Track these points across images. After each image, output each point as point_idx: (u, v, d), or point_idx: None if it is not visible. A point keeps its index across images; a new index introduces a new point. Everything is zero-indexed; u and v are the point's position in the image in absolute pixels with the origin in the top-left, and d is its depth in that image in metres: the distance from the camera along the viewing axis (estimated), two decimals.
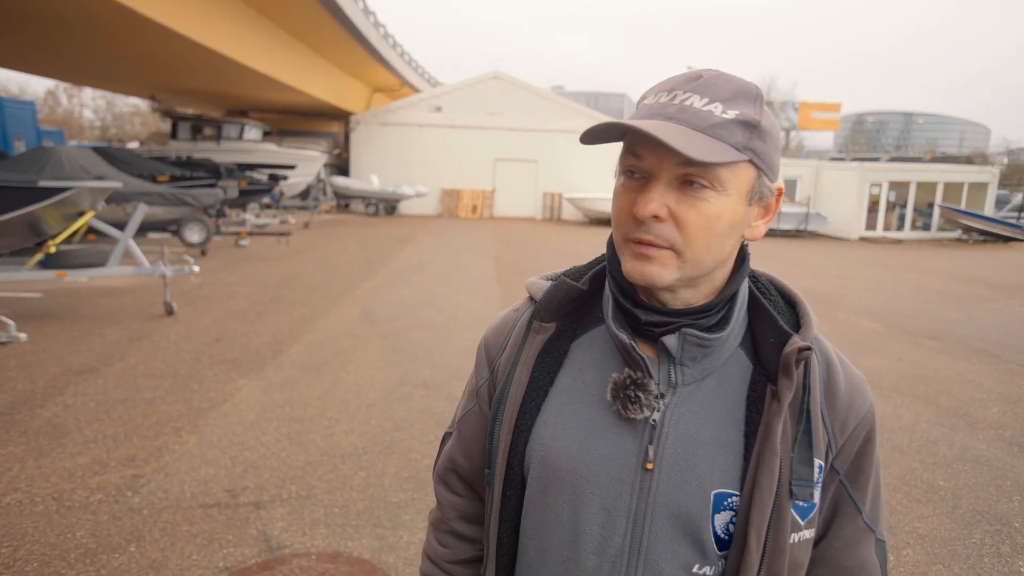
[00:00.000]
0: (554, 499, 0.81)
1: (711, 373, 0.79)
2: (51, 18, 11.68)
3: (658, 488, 0.76)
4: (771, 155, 0.75)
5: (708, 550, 0.77)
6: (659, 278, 0.74)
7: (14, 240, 6.74)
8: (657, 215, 0.71)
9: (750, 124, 0.71)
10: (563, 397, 0.83)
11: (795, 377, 0.75)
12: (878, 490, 0.84)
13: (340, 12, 16.02)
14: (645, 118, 0.73)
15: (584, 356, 0.85)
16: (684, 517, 0.76)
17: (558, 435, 0.82)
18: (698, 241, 0.72)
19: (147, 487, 3.41)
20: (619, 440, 0.79)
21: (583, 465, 0.79)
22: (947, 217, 20.96)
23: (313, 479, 3.59)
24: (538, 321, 0.87)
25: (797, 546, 0.78)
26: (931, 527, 3.33)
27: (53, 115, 44.38)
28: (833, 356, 0.83)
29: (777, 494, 0.74)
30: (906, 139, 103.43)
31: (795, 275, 12.08)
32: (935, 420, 4.81)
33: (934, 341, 7.27)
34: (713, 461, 0.76)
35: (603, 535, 0.78)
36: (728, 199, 0.72)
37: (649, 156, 0.72)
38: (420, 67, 33.66)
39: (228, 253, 12.29)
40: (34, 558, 2.78)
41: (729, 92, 0.72)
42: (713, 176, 0.71)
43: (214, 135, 21.18)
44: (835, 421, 0.80)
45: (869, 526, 0.83)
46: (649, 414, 0.77)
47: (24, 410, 4.35)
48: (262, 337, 6.38)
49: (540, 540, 0.83)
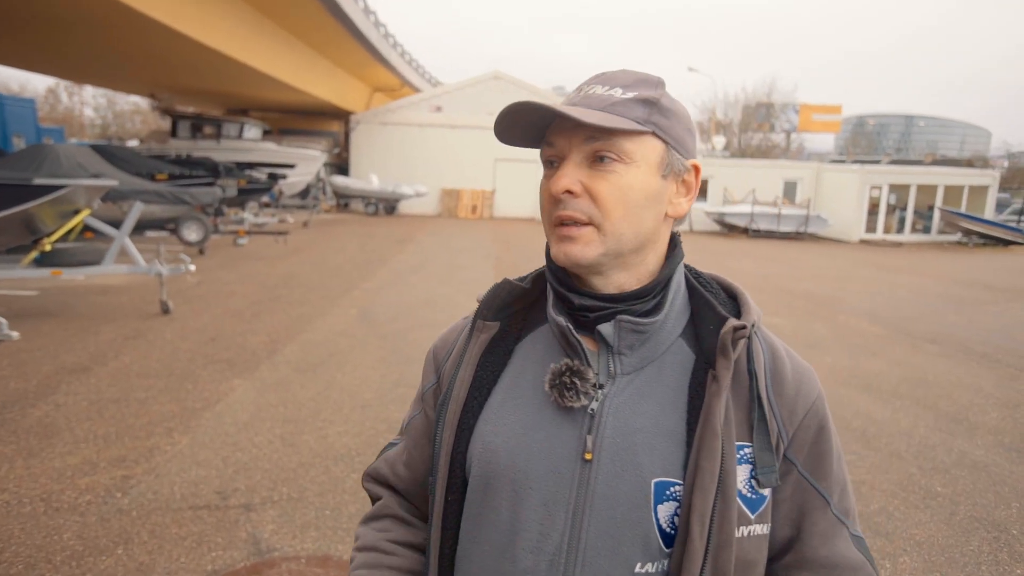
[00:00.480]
0: (493, 498, 0.80)
1: (651, 362, 0.80)
2: (52, 17, 11.66)
3: (597, 479, 0.75)
4: (677, 131, 0.78)
5: (652, 545, 0.75)
6: (582, 255, 0.75)
7: (9, 238, 6.71)
8: (570, 189, 0.75)
9: (649, 101, 0.76)
10: (504, 395, 0.83)
11: (732, 357, 0.75)
12: (845, 481, 0.83)
13: (341, 12, 16.00)
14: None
15: (528, 354, 0.85)
16: (624, 508, 0.74)
17: (498, 432, 0.81)
18: (614, 212, 0.75)
19: (136, 488, 3.37)
20: (558, 432, 0.78)
21: (521, 460, 0.78)
22: (947, 220, 20.94)
23: (305, 481, 3.55)
24: (481, 320, 0.87)
25: (747, 541, 0.75)
26: (928, 534, 3.29)
27: (54, 113, 44.38)
28: (778, 345, 0.83)
29: (722, 481, 0.73)
30: (907, 142, 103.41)
31: (795, 277, 12.05)
32: (934, 425, 4.78)
33: (934, 345, 7.24)
34: (653, 449, 0.76)
35: (541, 532, 0.76)
36: (638, 170, 0.75)
37: (559, 140, 0.76)
38: (420, 67, 33.66)
39: (226, 252, 12.26)
40: (19, 560, 2.75)
41: (630, 80, 0.78)
42: (619, 148, 0.74)
43: (214, 134, 21.18)
44: (783, 409, 0.79)
45: (840, 519, 0.81)
46: (587, 403, 0.77)
47: (15, 409, 4.32)
48: (258, 337, 6.35)
49: (479, 543, 0.81)
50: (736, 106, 39.82)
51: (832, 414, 0.84)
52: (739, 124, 39.37)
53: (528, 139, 0.79)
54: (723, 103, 40.58)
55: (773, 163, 24.80)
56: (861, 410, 4.99)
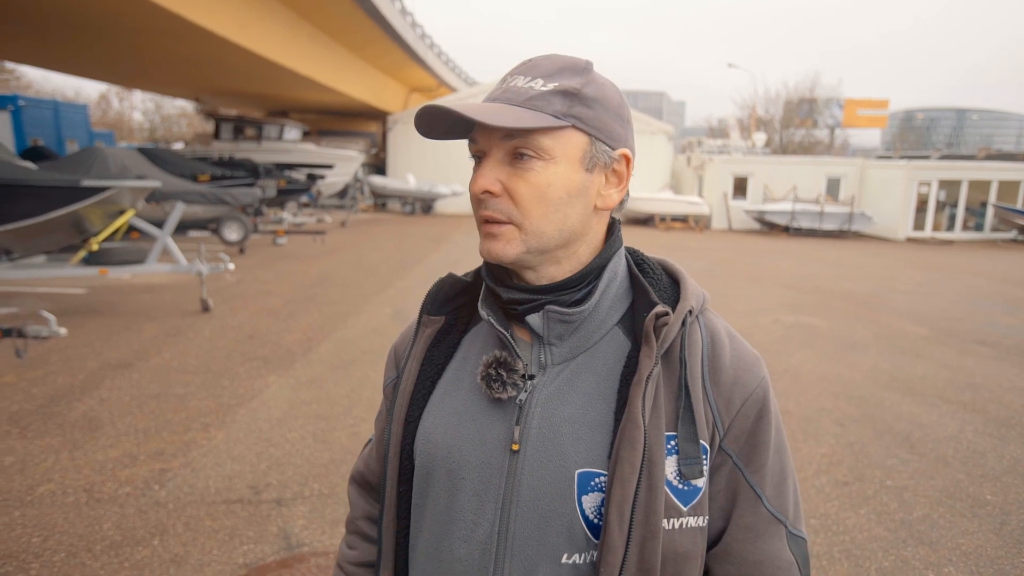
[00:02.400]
0: (434, 488, 0.81)
1: (583, 351, 0.79)
2: (104, 25, 12.08)
3: (523, 469, 0.75)
4: (602, 121, 0.75)
5: (577, 536, 0.74)
6: (503, 253, 0.75)
7: (60, 237, 6.97)
8: (488, 190, 0.74)
9: (568, 92, 0.73)
10: (446, 387, 0.84)
11: (655, 344, 0.74)
12: (783, 476, 0.80)
13: (378, 13, 16.19)
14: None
15: (471, 347, 0.86)
16: (549, 499, 0.74)
17: (437, 423, 0.82)
18: (533, 211, 0.73)
19: (173, 481, 3.46)
20: (489, 423, 0.78)
21: (456, 451, 0.79)
22: (1001, 217, 20.07)
23: (336, 477, 3.59)
24: (426, 315, 0.88)
25: (678, 533, 0.74)
26: (976, 544, 3.15)
27: (105, 118, 45.99)
28: (721, 332, 0.81)
29: (646, 471, 0.71)
30: (959, 136, 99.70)
31: (836, 276, 11.71)
32: (983, 430, 4.57)
33: (984, 347, 6.94)
34: (578, 439, 0.75)
35: (474, 521, 0.77)
36: (557, 167, 0.73)
37: (480, 138, 0.75)
38: (457, 66, 33.83)
39: (265, 251, 12.52)
40: (62, 548, 2.84)
41: (552, 69, 0.75)
42: (536, 145, 0.72)
43: (255, 135, 21.64)
44: (719, 399, 0.77)
45: (775, 515, 0.79)
46: (515, 394, 0.77)
47: (62, 403, 4.47)
48: (294, 335, 6.46)
49: (424, 531, 0.83)
50: (778, 102, 38.96)
51: (871, 417, 0.80)
52: (781, 120, 38.49)
53: (456, 133, 0.77)
54: (764, 99, 39.76)
55: (815, 159, 24.17)
56: (904, 414, 4.81)
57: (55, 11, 11.07)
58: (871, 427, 4.51)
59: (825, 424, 4.53)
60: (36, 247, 7.07)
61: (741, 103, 40.19)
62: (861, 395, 5.19)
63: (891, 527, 3.28)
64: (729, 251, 15.28)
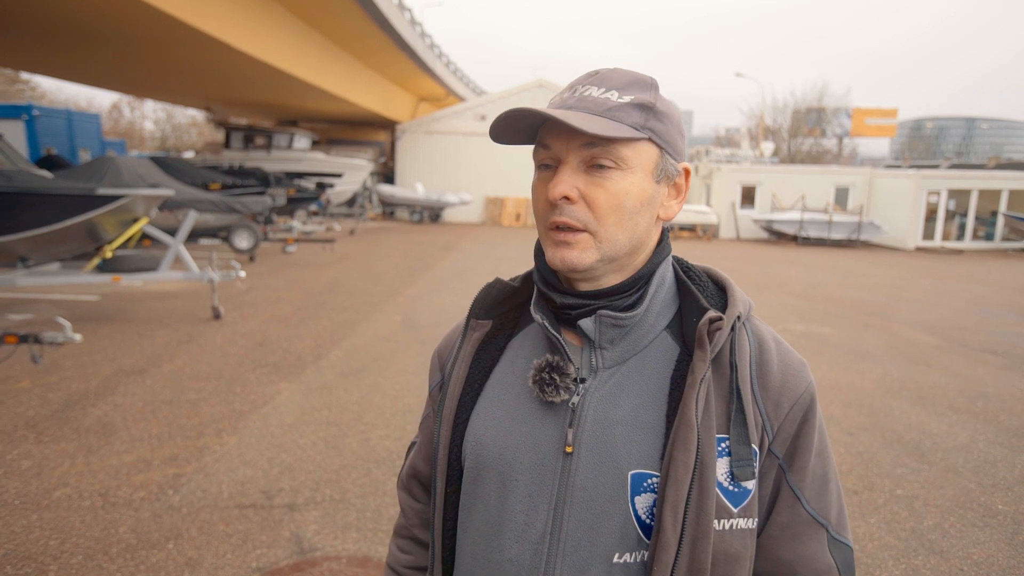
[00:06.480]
0: (484, 489, 0.83)
1: (634, 355, 0.81)
2: (116, 35, 12.24)
3: (577, 471, 0.77)
4: (671, 136, 0.79)
5: (630, 536, 0.76)
6: (579, 261, 0.77)
7: (74, 245, 7.06)
8: (567, 196, 0.75)
9: (645, 106, 0.76)
10: (495, 390, 0.86)
11: (708, 349, 0.75)
12: (826, 480, 0.81)
13: (387, 23, 16.32)
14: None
15: (519, 350, 0.87)
16: (602, 500, 0.76)
17: (488, 425, 0.84)
18: (609, 218, 0.76)
19: (187, 486, 3.50)
20: (541, 426, 0.80)
21: (508, 452, 0.81)
22: (1012, 226, 19.94)
23: (347, 483, 3.62)
24: (474, 319, 0.90)
25: (728, 534, 0.75)
26: (988, 553, 3.14)
27: (117, 127, 46.42)
28: (768, 337, 0.83)
29: (698, 473, 0.73)
30: (968, 145, 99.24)
31: (845, 285, 11.68)
32: (994, 440, 4.56)
33: (996, 356, 6.91)
34: (631, 441, 0.77)
35: (526, 522, 0.79)
36: (634, 177, 0.76)
37: (555, 144, 0.77)
38: (465, 76, 34.01)
39: (275, 259, 12.60)
40: (79, 551, 2.88)
41: (624, 82, 0.78)
42: (616, 155, 0.75)
43: (265, 144, 21.80)
44: (768, 403, 0.79)
45: (815, 518, 0.80)
46: (568, 397, 0.79)
47: (77, 408, 4.53)
48: (304, 341, 6.51)
49: (471, 532, 0.84)
50: (785, 111, 38.96)
51: (881, 426, 0.82)
52: (788, 130, 38.47)
53: (521, 138, 0.80)
54: (771, 108, 39.77)
55: (823, 169, 24.12)
56: (914, 423, 4.80)
57: (68, 22, 11.24)
58: (881, 436, 4.51)
59: (835, 433, 4.53)
60: (51, 254, 7.16)
61: (749, 112, 40.12)
62: (871, 404, 5.18)
63: (902, 536, 3.27)
64: (737, 260, 15.26)
